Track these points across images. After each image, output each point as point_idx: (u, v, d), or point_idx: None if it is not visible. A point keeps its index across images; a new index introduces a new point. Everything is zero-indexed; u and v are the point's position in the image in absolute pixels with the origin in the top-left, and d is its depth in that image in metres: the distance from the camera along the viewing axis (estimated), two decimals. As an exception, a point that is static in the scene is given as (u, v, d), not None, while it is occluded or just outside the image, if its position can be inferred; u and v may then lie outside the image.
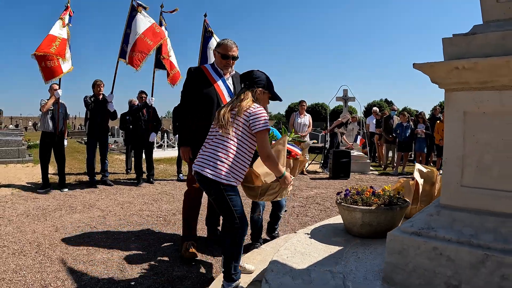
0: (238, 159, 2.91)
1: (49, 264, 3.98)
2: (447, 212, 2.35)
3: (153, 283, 3.55)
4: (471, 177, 2.29)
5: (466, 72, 2.18)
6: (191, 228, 4.30)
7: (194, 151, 3.95)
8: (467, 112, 2.29)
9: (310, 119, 11.05)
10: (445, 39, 2.30)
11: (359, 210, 3.41)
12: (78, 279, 3.61)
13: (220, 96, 4.13)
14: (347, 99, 14.50)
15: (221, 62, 4.19)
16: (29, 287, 3.44)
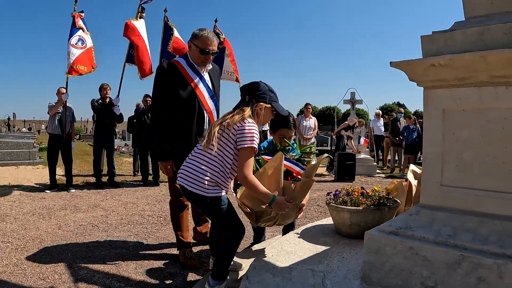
0: (222, 172, 2.69)
1: (49, 259, 4.05)
2: (426, 212, 2.28)
3: (145, 278, 3.58)
4: (451, 176, 2.22)
5: (443, 69, 2.12)
6: (184, 237, 3.95)
7: (176, 162, 3.62)
8: (446, 109, 2.22)
9: (315, 122, 11.05)
10: (424, 37, 2.24)
11: (347, 210, 3.32)
12: (75, 273, 3.68)
13: (201, 99, 3.69)
14: (355, 102, 14.45)
15: (199, 58, 3.64)
16: (28, 279, 3.53)
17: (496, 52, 1.91)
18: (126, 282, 3.49)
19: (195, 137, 3.66)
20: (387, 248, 2.23)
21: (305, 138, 10.80)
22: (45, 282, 3.49)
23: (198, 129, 3.69)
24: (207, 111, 3.73)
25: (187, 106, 3.64)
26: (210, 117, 3.77)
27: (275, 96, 2.85)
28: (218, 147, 2.67)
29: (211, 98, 3.79)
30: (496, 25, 2.00)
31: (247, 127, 2.63)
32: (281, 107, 2.91)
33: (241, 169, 2.60)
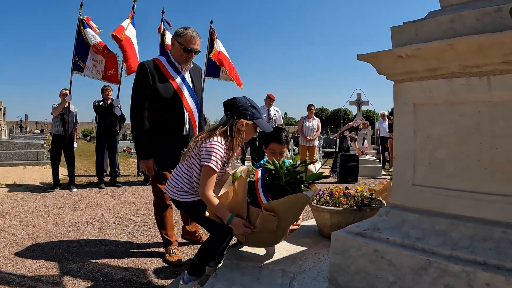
0: (190, 182, 2.76)
1: (40, 254, 4.08)
2: (397, 213, 2.11)
3: (128, 274, 3.55)
4: (423, 175, 2.06)
5: (411, 60, 1.95)
6: (169, 235, 3.92)
7: (157, 162, 3.66)
8: (417, 104, 2.06)
9: (318, 123, 10.92)
10: (394, 28, 2.08)
11: (327, 210, 3.18)
12: (63, 267, 3.71)
13: (180, 96, 3.65)
14: (361, 103, 14.33)
15: (182, 55, 3.60)
16: (18, 271, 3.59)
17: (465, 39, 1.75)
18: (109, 277, 3.47)
19: (176, 136, 3.65)
20: (352, 250, 2.09)
21: (308, 139, 10.70)
22: (33, 275, 3.52)
23: (179, 127, 3.66)
24: (187, 109, 3.70)
25: (167, 104, 3.60)
26: (191, 116, 3.74)
27: (257, 112, 2.76)
28: (188, 159, 2.75)
29: (191, 96, 3.73)
30: (469, 11, 1.84)
31: (212, 145, 2.60)
32: (264, 123, 2.85)
33: (201, 186, 2.59)
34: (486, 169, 1.86)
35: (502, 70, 1.78)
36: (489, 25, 1.77)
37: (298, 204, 2.61)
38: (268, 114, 9.87)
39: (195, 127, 3.82)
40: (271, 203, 2.53)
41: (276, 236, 2.66)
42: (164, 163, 3.66)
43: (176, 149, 3.52)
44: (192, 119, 3.76)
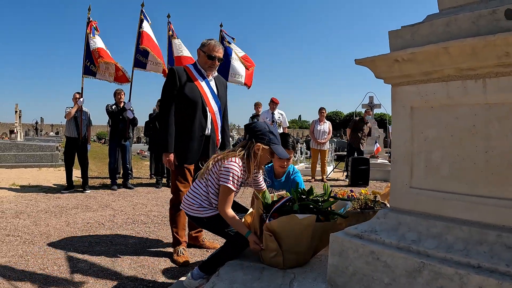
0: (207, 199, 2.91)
1: (52, 252, 4.19)
2: (394, 215, 2.12)
3: (136, 273, 3.64)
4: (420, 177, 2.06)
5: (408, 64, 1.96)
6: (179, 235, 4.06)
7: (179, 156, 3.91)
8: (414, 107, 2.06)
9: (330, 126, 10.89)
10: (391, 32, 2.08)
11: None
12: (73, 265, 3.81)
13: (204, 97, 3.92)
14: (373, 106, 14.32)
15: (206, 63, 3.94)
16: (29, 269, 3.70)
17: (458, 42, 1.75)
18: (118, 276, 3.56)
19: (199, 133, 3.92)
20: (350, 251, 2.10)
21: (319, 142, 10.71)
22: (44, 272, 3.61)
23: (201, 126, 3.93)
24: (209, 110, 3.97)
25: (192, 104, 3.87)
26: (213, 117, 4.02)
27: (275, 138, 2.88)
28: (206, 177, 2.89)
29: (214, 99, 4.02)
30: (464, 14, 1.83)
31: (230, 166, 2.75)
32: (281, 149, 2.93)
33: (220, 204, 2.78)
34: (481, 171, 1.85)
35: (497, 72, 1.77)
36: (484, 27, 1.76)
37: (298, 227, 2.57)
38: (272, 117, 9.90)
39: (217, 129, 4.09)
40: (271, 223, 2.60)
41: (286, 259, 2.64)
42: (185, 158, 3.92)
43: (197, 146, 3.92)
44: (214, 121, 4.03)
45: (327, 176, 11.10)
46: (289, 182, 3.84)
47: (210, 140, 4.01)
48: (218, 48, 3.96)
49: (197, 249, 4.39)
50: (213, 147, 4.06)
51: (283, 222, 2.57)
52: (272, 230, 2.59)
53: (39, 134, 35.03)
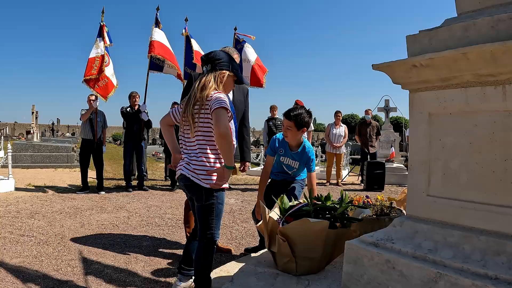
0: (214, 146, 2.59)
1: (66, 253, 4.23)
2: (410, 223, 2.09)
3: (150, 275, 3.65)
4: (437, 185, 2.02)
5: (425, 70, 1.93)
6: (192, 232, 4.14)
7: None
8: (432, 113, 2.03)
9: (345, 130, 10.81)
10: (409, 36, 2.07)
11: None
12: (87, 267, 3.83)
13: None
14: (389, 110, 14.17)
15: None
16: (43, 269, 3.73)
17: (477, 47, 1.71)
18: (131, 278, 3.59)
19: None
20: (365, 259, 2.07)
21: (335, 146, 10.65)
22: (57, 273, 3.65)
23: None
24: None
25: None
26: None
27: (237, 65, 2.79)
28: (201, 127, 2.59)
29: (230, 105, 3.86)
30: (483, 19, 1.80)
31: (215, 96, 2.52)
32: (243, 77, 2.85)
33: (220, 126, 2.44)
34: (500, 180, 1.81)
35: (518, 79, 1.72)
36: (503, 32, 1.74)
37: (310, 231, 2.54)
38: None
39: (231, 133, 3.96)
40: (284, 227, 2.57)
41: (299, 265, 2.61)
42: None
43: None
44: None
45: (342, 180, 11.02)
46: (304, 155, 3.79)
47: None
48: (233, 54, 3.89)
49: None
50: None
51: (295, 226, 2.57)
52: (285, 234, 2.59)
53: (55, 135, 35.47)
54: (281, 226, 2.65)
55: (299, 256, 2.59)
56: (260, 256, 2.98)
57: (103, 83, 8.44)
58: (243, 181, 10.98)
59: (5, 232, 4.99)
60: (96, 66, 8.29)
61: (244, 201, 7.69)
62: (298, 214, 2.71)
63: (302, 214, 2.70)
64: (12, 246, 4.43)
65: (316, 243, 2.60)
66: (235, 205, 7.29)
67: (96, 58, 8.35)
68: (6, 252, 4.21)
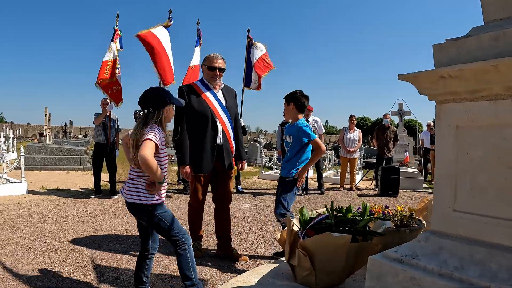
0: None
1: (79, 260, 4.22)
2: (435, 239, 2.03)
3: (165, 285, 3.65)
4: (464, 200, 1.96)
5: (454, 81, 1.87)
6: (195, 231, 4.50)
7: (194, 166, 4.25)
8: (459, 126, 1.97)
9: (360, 134, 10.71)
10: (435, 45, 2.01)
11: None
12: (100, 275, 3.82)
13: (212, 110, 4.24)
14: (403, 113, 14.03)
15: (208, 74, 4.27)
16: (56, 277, 3.73)
17: (509, 59, 1.65)
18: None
19: (210, 144, 4.24)
20: (389, 276, 2.01)
21: (349, 151, 10.56)
22: (71, 281, 3.64)
23: (213, 137, 4.26)
24: (219, 121, 4.28)
25: (201, 115, 4.20)
26: (224, 127, 4.32)
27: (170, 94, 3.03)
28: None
29: (223, 110, 4.31)
30: None
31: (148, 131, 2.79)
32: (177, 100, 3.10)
33: (141, 150, 2.68)
34: None
35: (550, 92, 1.66)
36: None
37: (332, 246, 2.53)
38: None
39: (230, 138, 4.38)
40: (305, 241, 2.56)
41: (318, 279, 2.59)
42: (200, 168, 4.26)
43: (210, 156, 4.25)
44: (226, 131, 4.34)
45: (356, 185, 10.93)
46: (294, 128, 4.27)
47: (223, 148, 4.32)
48: (217, 59, 4.26)
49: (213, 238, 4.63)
50: (228, 154, 4.38)
51: (317, 240, 2.53)
52: (306, 248, 2.55)
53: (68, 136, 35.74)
54: (301, 239, 2.60)
55: (320, 270, 2.55)
56: (278, 267, 2.93)
57: (116, 89, 8.44)
58: (256, 185, 10.94)
59: (18, 237, 5.01)
60: (109, 70, 8.29)
61: (258, 207, 7.64)
62: (319, 227, 2.66)
63: (323, 227, 2.66)
64: (25, 252, 4.43)
65: (338, 257, 2.56)
66: (248, 210, 7.25)
67: (109, 61, 8.35)
68: (18, 258, 4.22)
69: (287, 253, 2.80)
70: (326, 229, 2.63)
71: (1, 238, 4.94)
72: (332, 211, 2.80)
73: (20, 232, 5.23)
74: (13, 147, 18.39)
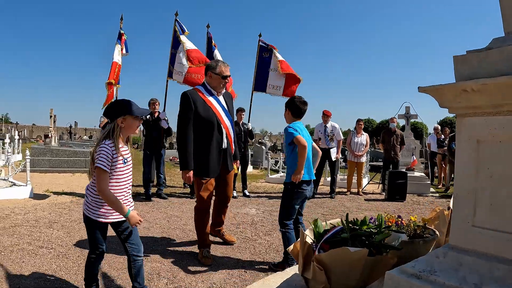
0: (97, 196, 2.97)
1: (88, 267, 4.16)
2: (454, 255, 2.00)
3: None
4: (483, 216, 1.93)
5: (476, 95, 1.84)
6: (204, 238, 4.58)
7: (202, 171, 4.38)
8: (480, 140, 1.94)
9: (367, 138, 10.63)
10: (456, 57, 1.98)
11: None
12: (108, 283, 3.78)
13: (217, 115, 4.41)
14: (409, 117, 13.98)
15: (220, 82, 4.43)
16: (63, 286, 3.70)
17: None
18: (154, 296, 3.51)
19: (216, 148, 4.42)
20: None
21: (356, 155, 10.48)
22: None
23: (218, 141, 4.44)
24: (223, 126, 4.47)
25: (207, 121, 4.35)
26: (227, 132, 4.52)
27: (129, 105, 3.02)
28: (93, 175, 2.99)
29: (226, 115, 4.50)
30: None
31: (99, 149, 2.89)
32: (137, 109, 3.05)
33: (97, 185, 2.86)
34: None
35: None
36: None
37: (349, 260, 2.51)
38: (325, 130, 9.75)
39: (231, 142, 4.62)
40: (321, 255, 2.54)
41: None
42: (207, 172, 4.40)
43: (217, 160, 4.44)
44: (229, 135, 4.56)
45: (362, 189, 10.86)
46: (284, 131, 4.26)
47: (227, 152, 4.56)
48: (227, 67, 4.48)
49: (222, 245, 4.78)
50: (230, 158, 4.62)
51: (333, 254, 2.50)
52: (323, 262, 2.51)
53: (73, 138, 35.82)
54: (317, 252, 2.56)
55: (335, 283, 2.52)
56: (291, 279, 2.90)
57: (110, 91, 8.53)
58: (263, 189, 10.90)
59: (24, 243, 4.97)
60: (116, 73, 8.31)
61: (265, 212, 7.59)
62: (334, 240, 2.62)
63: (339, 241, 2.62)
64: (31, 258, 4.39)
65: (354, 271, 2.53)
66: (256, 216, 7.19)
67: (117, 64, 8.36)
68: (24, 265, 4.18)
69: (300, 266, 2.78)
70: (342, 242, 2.60)
71: (7, 244, 4.91)
72: (348, 224, 2.75)
73: (26, 238, 5.20)
74: (18, 148, 18.44)
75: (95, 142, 23.07)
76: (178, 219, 6.72)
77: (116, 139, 2.94)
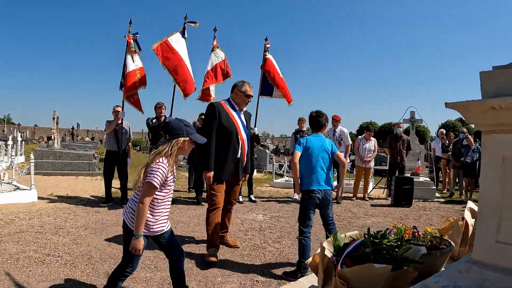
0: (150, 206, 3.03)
1: (95, 277, 4.12)
2: (478, 270, 2.00)
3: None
4: (508, 232, 1.93)
5: (504, 112, 1.84)
6: (212, 238, 4.81)
7: (216, 174, 4.80)
8: (506, 157, 1.94)
9: (375, 144, 10.57)
10: (483, 73, 1.97)
11: None
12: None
13: (237, 128, 4.92)
14: (414, 121, 13.96)
15: (244, 100, 5.03)
16: None
17: None
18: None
19: (233, 156, 4.92)
20: None
21: (364, 160, 10.44)
22: (88, 302, 3.55)
23: (235, 151, 4.93)
24: (240, 138, 4.98)
25: (228, 132, 4.85)
26: (242, 144, 5.02)
27: (191, 128, 3.18)
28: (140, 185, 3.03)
29: (244, 130, 5.04)
30: None
31: (155, 166, 2.95)
32: (198, 136, 3.22)
33: (140, 196, 2.93)
34: None
35: None
36: None
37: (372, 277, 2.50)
38: (333, 134, 9.74)
39: (245, 154, 5.11)
40: (343, 271, 2.54)
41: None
42: (221, 176, 4.86)
43: (231, 167, 4.94)
44: (243, 147, 5.05)
45: (368, 194, 10.81)
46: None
47: (240, 162, 5.04)
48: (252, 88, 5.10)
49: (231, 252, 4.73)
50: (241, 168, 5.12)
51: (357, 270, 2.48)
52: (345, 278, 2.50)
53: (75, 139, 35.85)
54: (339, 267, 2.55)
55: None
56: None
57: (136, 96, 8.46)
58: (268, 194, 10.87)
59: (30, 250, 4.93)
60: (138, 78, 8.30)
61: (272, 218, 7.56)
62: (356, 255, 2.61)
63: (361, 256, 2.60)
64: (38, 267, 4.35)
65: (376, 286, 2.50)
66: (263, 222, 7.16)
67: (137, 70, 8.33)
68: (32, 274, 4.14)
69: (321, 280, 2.79)
70: (364, 257, 2.60)
71: (13, 251, 4.86)
72: (370, 239, 2.73)
73: (32, 245, 5.16)
74: (21, 150, 18.43)
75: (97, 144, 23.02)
76: (185, 226, 6.69)
77: (172, 158, 3.05)
